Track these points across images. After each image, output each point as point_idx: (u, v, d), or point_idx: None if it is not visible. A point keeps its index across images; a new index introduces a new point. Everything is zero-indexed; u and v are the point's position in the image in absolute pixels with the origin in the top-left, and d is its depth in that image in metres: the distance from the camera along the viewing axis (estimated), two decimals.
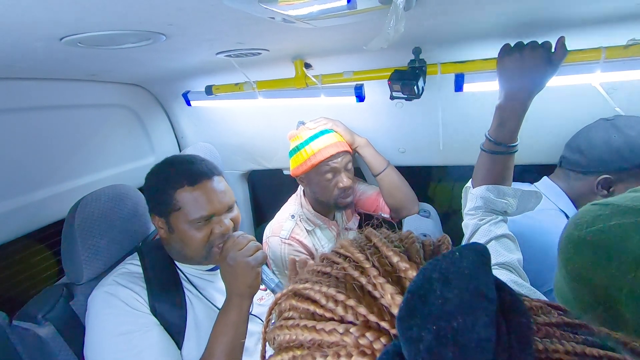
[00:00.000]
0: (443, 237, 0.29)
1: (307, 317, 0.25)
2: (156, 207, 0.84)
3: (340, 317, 0.23)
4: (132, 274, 0.82)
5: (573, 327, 0.22)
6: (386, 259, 0.25)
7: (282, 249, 1.19)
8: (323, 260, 0.29)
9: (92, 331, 0.74)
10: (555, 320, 0.22)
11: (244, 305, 0.79)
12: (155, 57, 0.87)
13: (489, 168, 0.76)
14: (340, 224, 1.37)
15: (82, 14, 0.48)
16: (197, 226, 0.81)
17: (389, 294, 0.22)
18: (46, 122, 1.05)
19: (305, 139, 1.18)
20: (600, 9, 0.72)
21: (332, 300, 0.24)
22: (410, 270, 0.23)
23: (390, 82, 0.91)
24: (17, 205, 0.98)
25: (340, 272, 0.26)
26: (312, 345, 0.23)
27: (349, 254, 0.27)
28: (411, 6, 0.53)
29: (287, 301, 0.27)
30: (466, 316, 0.17)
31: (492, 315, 0.17)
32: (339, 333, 0.22)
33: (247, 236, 0.83)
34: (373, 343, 0.20)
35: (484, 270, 0.18)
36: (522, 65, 0.69)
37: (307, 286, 0.26)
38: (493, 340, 0.16)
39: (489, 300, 0.17)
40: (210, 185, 0.82)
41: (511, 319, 0.18)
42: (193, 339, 0.81)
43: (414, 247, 0.27)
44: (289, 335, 0.24)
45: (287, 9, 0.49)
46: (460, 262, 0.19)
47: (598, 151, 0.86)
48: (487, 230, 0.73)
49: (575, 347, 0.19)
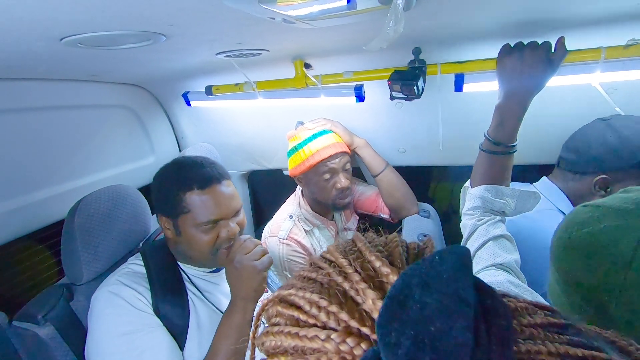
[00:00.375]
0: (427, 241, 0.29)
1: (292, 323, 0.25)
2: (164, 208, 0.83)
3: (323, 323, 0.23)
4: (136, 274, 0.82)
5: (559, 328, 0.22)
6: (369, 263, 0.25)
7: (280, 249, 1.19)
8: (310, 265, 0.29)
9: (95, 330, 0.74)
10: (540, 321, 0.22)
11: (249, 308, 0.79)
12: (156, 57, 0.87)
13: (488, 168, 0.76)
14: (339, 224, 1.37)
15: (82, 15, 0.48)
16: (205, 230, 0.81)
17: (370, 299, 0.22)
18: (46, 123, 1.05)
19: (303, 139, 1.18)
20: (600, 9, 0.72)
21: (315, 306, 0.24)
22: (391, 275, 0.23)
23: (390, 82, 0.92)
24: (17, 205, 0.98)
25: (325, 278, 0.26)
26: (295, 352, 0.23)
27: (334, 259, 0.27)
28: (411, 6, 0.53)
29: (274, 307, 0.27)
30: (444, 321, 0.17)
31: (470, 319, 0.17)
32: (321, 339, 0.22)
33: (253, 240, 0.83)
34: (354, 349, 0.20)
35: (464, 273, 0.18)
36: (522, 65, 0.69)
37: (292, 292, 0.26)
38: (470, 345, 0.16)
39: (467, 304, 0.17)
40: (220, 189, 0.83)
41: (491, 322, 0.18)
42: (195, 340, 0.81)
43: (396, 251, 0.27)
44: (274, 342, 0.24)
45: (287, 10, 0.50)
46: (440, 266, 0.19)
47: (594, 151, 0.86)
48: (485, 230, 0.73)
49: (559, 347, 0.19)
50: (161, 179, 0.85)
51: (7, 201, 0.96)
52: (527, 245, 0.82)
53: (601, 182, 0.84)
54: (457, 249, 0.19)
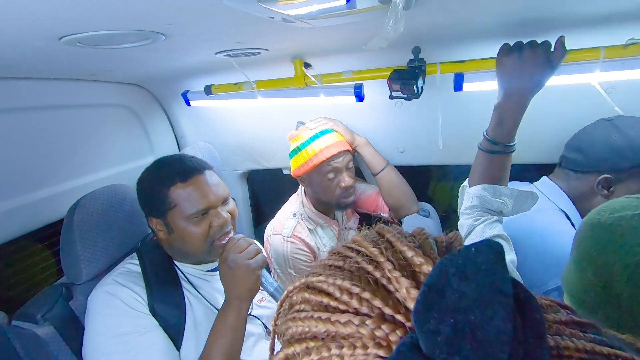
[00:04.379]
0: (454, 234, 0.29)
1: (320, 309, 0.25)
2: (152, 209, 0.84)
3: (355, 309, 0.23)
4: (132, 273, 0.82)
5: (581, 326, 0.22)
6: (400, 253, 0.25)
7: (284, 247, 1.19)
8: (334, 254, 0.29)
9: (91, 331, 0.74)
10: (564, 319, 0.22)
11: (243, 308, 0.79)
12: (155, 56, 0.87)
13: (486, 167, 0.76)
14: (340, 223, 1.37)
15: (81, 14, 0.48)
16: (195, 221, 0.81)
17: (404, 287, 0.22)
18: (45, 122, 1.04)
19: (306, 139, 1.17)
20: (600, 9, 0.72)
21: (346, 293, 0.24)
22: (425, 265, 0.23)
23: (389, 81, 0.92)
24: (16, 205, 0.98)
25: (353, 266, 0.26)
26: (326, 337, 0.23)
27: (363, 249, 0.27)
28: (411, 5, 0.53)
29: (299, 294, 0.27)
30: (484, 310, 0.17)
31: (510, 309, 0.17)
32: (355, 325, 0.22)
33: (247, 239, 0.84)
34: (389, 335, 0.21)
35: (500, 266, 0.19)
36: (521, 64, 0.69)
37: (321, 279, 0.26)
38: (510, 334, 0.16)
39: (506, 295, 0.17)
40: (203, 179, 0.83)
41: (526, 315, 0.18)
42: (192, 339, 0.81)
43: (427, 242, 0.27)
44: (301, 327, 0.24)
45: (286, 9, 0.49)
46: (476, 258, 0.19)
47: (598, 151, 0.85)
48: (481, 230, 0.73)
49: (585, 344, 0.20)
50: (144, 181, 0.86)
51: (5, 201, 0.95)
52: (527, 245, 0.82)
53: (604, 182, 0.84)
54: (493, 242, 0.20)
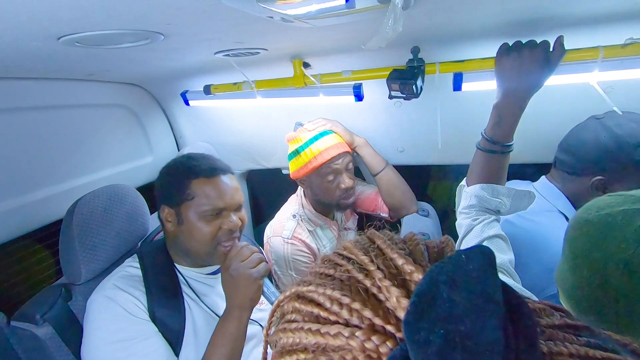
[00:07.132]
0: (446, 239, 0.29)
1: (311, 320, 0.24)
2: (168, 197, 0.85)
3: (345, 320, 0.22)
4: (132, 277, 0.82)
5: (575, 329, 0.22)
6: (391, 261, 0.24)
7: (285, 248, 1.19)
8: (325, 262, 0.29)
9: (90, 336, 0.74)
10: (558, 322, 0.22)
11: (244, 317, 0.78)
12: (154, 56, 0.87)
13: (484, 167, 0.76)
14: (339, 224, 1.37)
15: (80, 14, 0.48)
16: (207, 219, 0.82)
17: (394, 297, 0.21)
18: (44, 122, 1.04)
19: (305, 141, 1.17)
20: (598, 8, 0.72)
21: (336, 303, 0.23)
22: (415, 273, 0.22)
23: (388, 81, 0.91)
24: (15, 205, 0.98)
25: (344, 275, 0.25)
26: (316, 349, 0.23)
27: (353, 256, 0.26)
28: (409, 5, 0.53)
29: (290, 303, 0.26)
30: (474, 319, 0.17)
31: (500, 318, 0.17)
32: (345, 337, 0.21)
33: (251, 247, 0.83)
34: (379, 347, 0.20)
35: (491, 273, 0.18)
36: (520, 64, 0.70)
37: (311, 289, 0.25)
38: (501, 343, 0.16)
39: (497, 303, 0.17)
40: (225, 180, 0.86)
41: (517, 322, 0.18)
42: (191, 345, 0.80)
43: (418, 249, 0.26)
44: (292, 339, 0.24)
45: (285, 9, 0.49)
46: (467, 265, 0.18)
47: (589, 153, 0.84)
48: (480, 230, 0.74)
49: (579, 349, 0.19)
50: (169, 167, 0.89)
51: (4, 201, 0.95)
52: (527, 248, 0.81)
53: (598, 184, 0.83)
54: (483, 248, 0.19)
